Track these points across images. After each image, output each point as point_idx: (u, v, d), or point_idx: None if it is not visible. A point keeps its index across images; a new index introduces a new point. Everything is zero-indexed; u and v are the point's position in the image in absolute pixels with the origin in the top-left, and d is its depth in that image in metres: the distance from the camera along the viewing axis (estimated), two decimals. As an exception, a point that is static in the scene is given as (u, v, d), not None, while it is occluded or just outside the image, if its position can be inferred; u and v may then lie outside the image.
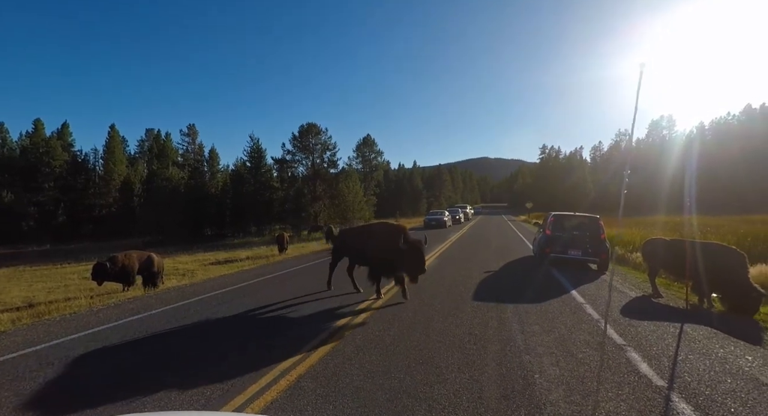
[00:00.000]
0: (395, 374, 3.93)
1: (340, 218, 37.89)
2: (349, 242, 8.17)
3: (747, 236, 13.91)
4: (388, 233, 7.06)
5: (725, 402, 3.36)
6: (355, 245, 7.82)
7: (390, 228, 7.32)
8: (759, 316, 6.40)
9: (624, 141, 74.83)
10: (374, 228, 7.93)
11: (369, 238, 7.46)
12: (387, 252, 6.73)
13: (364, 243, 7.51)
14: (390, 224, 7.72)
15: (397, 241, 6.58)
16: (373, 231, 7.65)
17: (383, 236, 7.08)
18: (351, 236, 8.27)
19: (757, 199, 44.79)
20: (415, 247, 6.51)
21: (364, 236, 7.72)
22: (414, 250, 6.48)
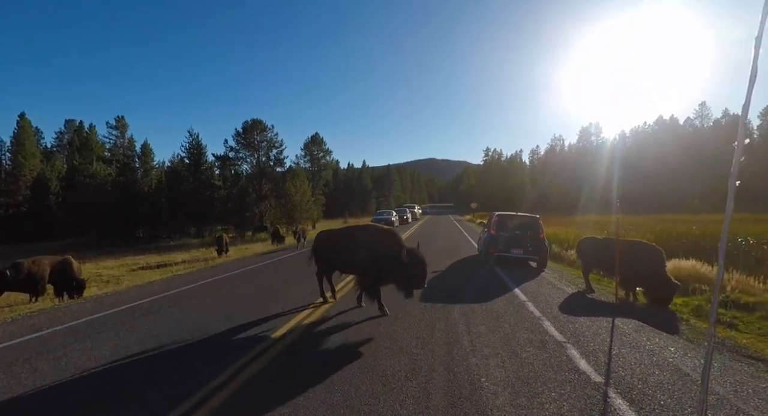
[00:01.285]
0: (338, 386, 3.68)
1: (286, 219, 36.69)
2: (333, 246, 6.96)
3: (662, 234, 15.41)
4: (388, 240, 6.08)
5: (655, 395, 3.52)
6: (342, 251, 6.68)
7: (388, 234, 6.26)
8: (674, 307, 7.01)
9: (558, 146, 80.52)
10: (367, 233, 6.55)
11: (362, 244, 6.31)
12: (386, 262, 5.78)
13: (353, 249, 6.36)
14: (384, 228, 6.52)
15: (399, 250, 5.74)
16: (367, 237, 6.40)
17: (382, 243, 6.06)
18: (336, 240, 7.01)
19: (670, 199, 50.31)
20: (419, 259, 5.70)
21: (354, 241, 6.48)
22: (418, 263, 5.68)
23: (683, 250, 12.43)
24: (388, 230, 6.40)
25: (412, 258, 5.64)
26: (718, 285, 2.26)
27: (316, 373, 3.97)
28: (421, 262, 5.66)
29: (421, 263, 5.66)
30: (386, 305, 6.27)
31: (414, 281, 5.63)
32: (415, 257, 5.67)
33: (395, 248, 5.82)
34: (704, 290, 8.26)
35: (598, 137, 74.48)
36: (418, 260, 5.65)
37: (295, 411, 3.24)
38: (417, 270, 5.61)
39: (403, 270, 5.60)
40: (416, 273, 5.60)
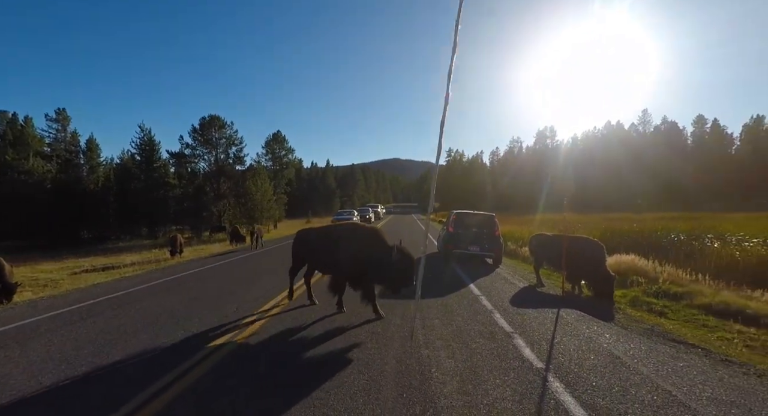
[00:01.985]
0: (289, 383, 3.66)
1: (247, 218, 35.64)
2: (314, 246, 6.63)
3: (607, 231, 16.49)
4: (375, 238, 5.89)
5: (588, 377, 3.79)
6: (324, 251, 6.37)
7: (374, 232, 6.05)
8: (614, 297, 7.55)
9: (517, 147, 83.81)
10: (352, 232, 6.29)
11: (346, 243, 6.04)
12: (374, 261, 5.61)
13: (336, 249, 6.09)
14: (369, 227, 6.33)
15: (386, 248, 5.58)
16: (353, 236, 6.15)
17: (369, 241, 5.86)
18: (316, 240, 6.68)
19: (617, 199, 53.85)
20: (407, 256, 5.53)
21: (337, 241, 6.20)
22: (407, 260, 5.51)
23: (624, 246, 13.37)
24: (373, 228, 6.21)
25: (401, 256, 5.49)
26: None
27: (265, 373, 3.93)
28: (409, 259, 5.52)
29: (410, 261, 5.52)
30: (344, 303, 6.28)
31: (403, 279, 5.48)
32: (404, 254, 5.51)
33: (383, 246, 5.66)
34: (641, 282, 8.95)
35: (552, 140, 78.26)
36: (406, 257, 5.50)
37: (242, 410, 3.19)
38: (406, 268, 5.46)
39: (392, 268, 5.44)
40: (405, 271, 5.46)
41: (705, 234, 14.55)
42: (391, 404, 3.24)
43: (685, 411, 3.16)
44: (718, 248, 11.69)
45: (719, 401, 3.35)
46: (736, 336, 5.51)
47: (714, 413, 3.14)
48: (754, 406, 3.27)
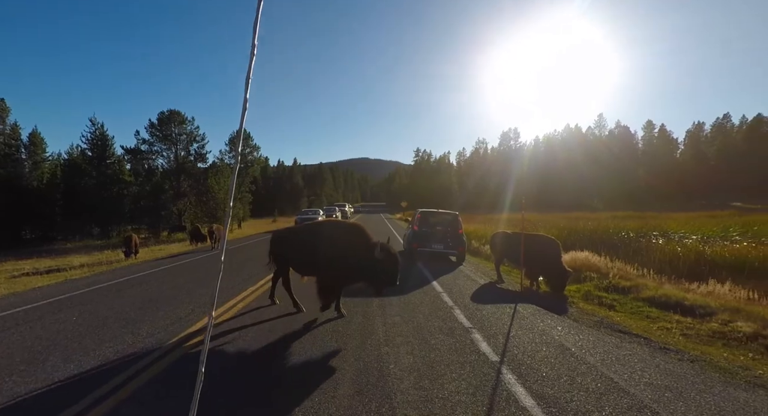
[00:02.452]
0: (243, 384, 3.56)
1: (209, 217, 34.38)
2: (295, 246, 6.26)
3: (565, 229, 17.27)
4: (357, 237, 5.62)
5: (540, 368, 3.95)
6: (305, 251, 6.00)
7: (357, 230, 5.77)
8: (568, 292, 7.91)
9: (482, 148, 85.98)
10: (334, 230, 6.00)
11: (328, 242, 5.72)
12: (358, 260, 5.35)
13: (318, 249, 5.75)
14: (351, 224, 6.05)
15: (370, 247, 5.31)
16: (335, 234, 5.86)
17: (351, 240, 5.60)
18: (298, 239, 6.33)
19: (575, 198, 56.44)
20: (392, 255, 5.28)
21: (319, 240, 5.86)
22: (391, 259, 5.25)
23: (580, 243, 14.06)
24: (356, 225, 5.94)
25: (385, 254, 5.24)
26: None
27: (219, 376, 3.80)
28: (394, 258, 5.28)
29: (394, 259, 5.28)
30: (305, 304, 6.20)
31: (387, 279, 5.24)
32: (388, 253, 5.27)
33: (366, 244, 5.41)
34: (593, 278, 9.42)
35: (516, 141, 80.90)
36: (390, 256, 5.27)
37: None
38: (390, 267, 5.21)
39: (376, 267, 5.20)
40: (389, 270, 5.21)
41: (651, 232, 15.58)
42: (347, 401, 3.23)
43: (624, 396, 3.36)
44: (662, 245, 12.54)
45: (655, 385, 3.59)
46: (674, 325, 5.92)
47: (650, 397, 3.36)
48: (684, 389, 3.53)
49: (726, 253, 10.71)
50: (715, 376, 3.89)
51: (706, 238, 13.81)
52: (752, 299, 7.26)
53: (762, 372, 4.10)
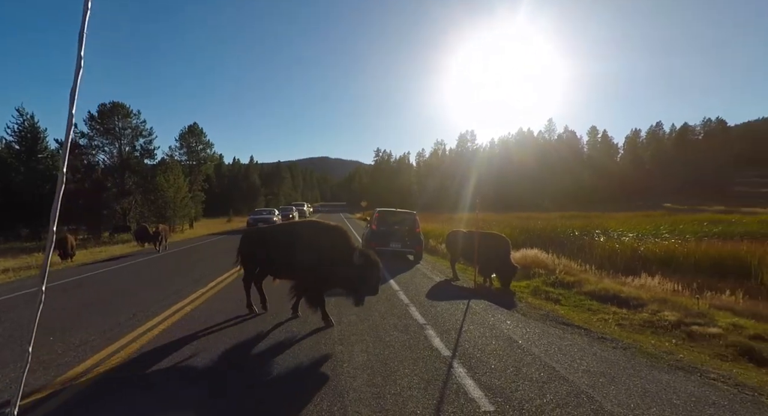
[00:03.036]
0: (192, 389, 3.40)
1: (157, 217, 32.43)
2: (269, 247, 5.77)
3: (517, 228, 18.08)
4: (336, 239, 5.27)
5: (488, 361, 4.10)
6: (280, 253, 5.60)
7: (336, 232, 5.41)
8: (519, 288, 8.28)
9: (441, 149, 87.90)
10: (312, 231, 5.60)
11: (306, 244, 5.34)
12: (335, 265, 5.03)
13: (295, 251, 5.38)
14: (331, 225, 5.62)
15: (350, 251, 5.02)
16: (312, 235, 5.45)
17: (330, 242, 5.24)
18: (271, 240, 5.84)
19: (529, 199, 59.16)
20: (372, 261, 5.00)
21: (296, 241, 5.47)
22: (371, 265, 4.97)
23: (530, 241, 14.80)
24: (336, 227, 5.55)
25: (365, 260, 4.93)
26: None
27: (159, 384, 3.60)
28: (374, 264, 4.97)
29: (375, 266, 4.98)
30: (255, 304, 6.02)
31: (367, 287, 4.93)
32: (368, 259, 4.97)
33: (346, 248, 5.08)
34: (541, 274, 9.93)
35: (473, 143, 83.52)
36: (371, 262, 4.96)
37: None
38: (370, 274, 4.91)
39: (356, 274, 4.89)
40: (369, 277, 4.91)
41: (594, 231, 16.70)
42: (298, 402, 3.17)
43: (564, 383, 3.58)
44: (603, 243, 13.49)
45: (592, 372, 3.85)
46: (611, 316, 6.38)
47: (587, 383, 3.60)
48: (616, 374, 3.82)
49: (656, 249, 11.71)
50: (643, 361, 4.24)
51: (640, 236, 15.02)
52: (677, 291, 7.99)
53: (683, 355, 4.52)
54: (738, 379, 3.86)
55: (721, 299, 7.32)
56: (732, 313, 6.60)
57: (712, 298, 7.39)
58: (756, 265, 9.06)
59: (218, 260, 11.85)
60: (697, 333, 5.60)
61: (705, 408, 3.18)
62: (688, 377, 3.84)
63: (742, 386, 3.69)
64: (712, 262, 10.04)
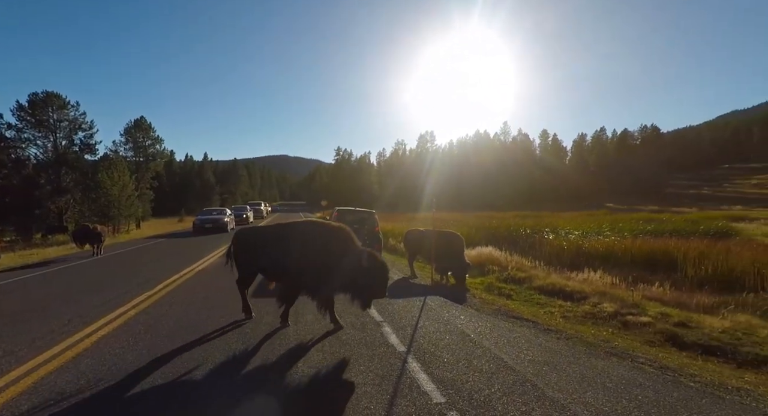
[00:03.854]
0: (143, 394, 3.22)
1: (99, 216, 30.17)
2: (267, 248, 5.39)
3: (473, 227, 18.70)
4: (341, 240, 5.01)
5: (442, 355, 4.24)
6: (280, 256, 5.23)
7: (341, 233, 5.15)
8: (473, 284, 8.59)
9: (401, 149, 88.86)
10: (314, 232, 5.28)
11: (309, 246, 5.05)
12: (341, 267, 4.79)
13: (297, 254, 5.06)
14: (334, 226, 5.39)
15: (357, 253, 4.82)
16: (315, 237, 5.16)
17: (335, 243, 4.97)
18: (270, 241, 5.48)
19: (485, 199, 61.24)
20: (380, 263, 4.82)
21: (297, 243, 5.15)
22: (381, 268, 4.78)
23: (486, 239, 15.36)
24: (340, 227, 5.30)
25: (374, 262, 4.76)
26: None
27: (88, 387, 3.38)
28: (383, 266, 4.81)
29: (384, 268, 4.81)
30: (209, 310, 5.80)
31: (374, 290, 4.76)
32: (377, 260, 4.81)
33: (353, 249, 4.90)
34: (495, 271, 10.35)
35: (432, 143, 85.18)
36: (379, 264, 4.79)
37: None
38: (379, 276, 4.74)
39: (363, 277, 4.70)
40: (377, 280, 4.73)
41: (544, 229, 17.62)
42: (248, 404, 3.11)
43: (511, 373, 3.78)
44: (552, 240, 14.28)
45: (536, 362, 4.09)
46: (557, 309, 6.79)
47: (531, 372, 3.81)
48: (558, 363, 4.08)
49: (598, 246, 12.57)
50: (583, 350, 4.56)
51: (585, 234, 16.05)
52: (615, 284, 8.64)
53: (617, 343, 4.91)
54: (662, 362, 4.25)
55: (651, 291, 7.99)
56: (661, 303, 7.25)
57: (645, 290, 8.05)
58: (681, 259, 9.99)
59: (161, 264, 11.28)
60: (630, 322, 6.10)
61: (632, 389, 3.48)
62: (620, 362, 4.18)
63: (665, 368, 4.07)
64: (645, 257, 10.94)
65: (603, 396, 3.35)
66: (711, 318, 6.25)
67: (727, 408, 3.19)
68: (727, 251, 9.95)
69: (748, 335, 5.55)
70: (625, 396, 3.34)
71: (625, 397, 3.33)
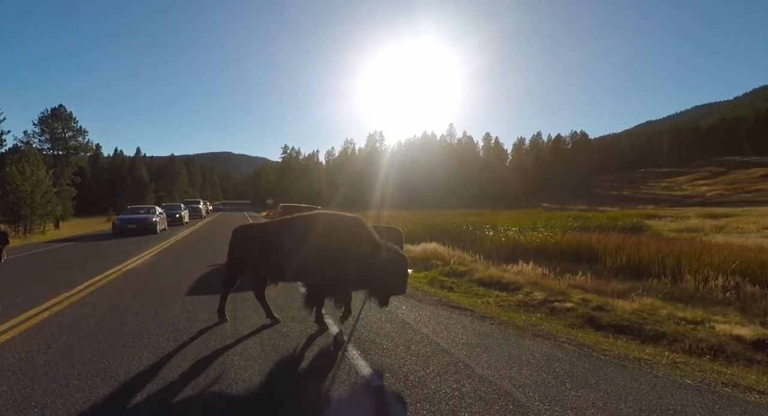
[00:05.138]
0: (62, 393, 2.95)
1: (8, 215, 26.76)
2: (275, 244, 4.83)
3: (419, 224, 19.21)
4: (358, 233, 4.63)
5: (381, 342, 4.35)
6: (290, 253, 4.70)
7: (357, 224, 4.76)
8: (417, 279, 8.82)
9: (350, 148, 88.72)
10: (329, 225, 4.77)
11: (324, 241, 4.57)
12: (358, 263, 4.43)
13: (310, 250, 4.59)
14: (350, 217, 4.93)
15: (375, 246, 4.50)
16: (331, 231, 4.67)
17: (355, 237, 4.58)
18: (277, 237, 4.91)
19: (433, 198, 62.92)
20: (401, 257, 4.57)
21: (312, 237, 4.64)
22: (402, 262, 4.53)
23: (431, 236, 15.85)
24: (355, 218, 4.92)
25: (395, 255, 4.51)
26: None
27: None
28: (403, 260, 4.58)
29: (405, 262, 4.59)
30: (140, 305, 5.43)
31: (394, 286, 4.49)
32: (397, 254, 4.56)
33: (372, 242, 4.57)
34: (438, 265, 10.72)
35: (381, 143, 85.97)
36: (400, 257, 4.55)
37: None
38: (400, 270, 4.51)
39: (382, 271, 4.38)
40: (398, 275, 4.47)
41: (485, 226, 18.56)
42: (179, 397, 2.98)
43: (446, 355, 3.98)
44: (491, 236, 15.09)
45: (470, 344, 4.34)
46: (493, 299, 7.22)
47: (464, 353, 4.04)
48: (490, 345, 4.36)
49: (533, 241, 13.50)
50: (513, 332, 4.90)
51: (521, 230, 17.14)
52: (545, 275, 9.34)
53: (543, 326, 5.34)
54: (580, 341, 4.70)
55: (576, 280, 8.75)
56: (583, 290, 7.96)
57: (570, 279, 8.80)
58: (602, 251, 11.04)
59: (78, 267, 10.34)
60: (557, 308, 6.65)
61: (552, 363, 3.82)
62: (543, 342, 4.56)
63: (582, 345, 4.50)
64: (572, 250, 11.94)
65: (526, 370, 3.64)
66: (623, 301, 7.00)
67: (627, 375, 3.62)
68: (638, 244, 11.15)
69: (651, 315, 6.31)
70: (545, 370, 3.66)
71: (545, 370, 3.65)
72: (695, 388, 3.35)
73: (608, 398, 3.10)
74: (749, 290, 7.21)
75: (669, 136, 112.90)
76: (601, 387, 3.32)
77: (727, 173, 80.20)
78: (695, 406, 3.00)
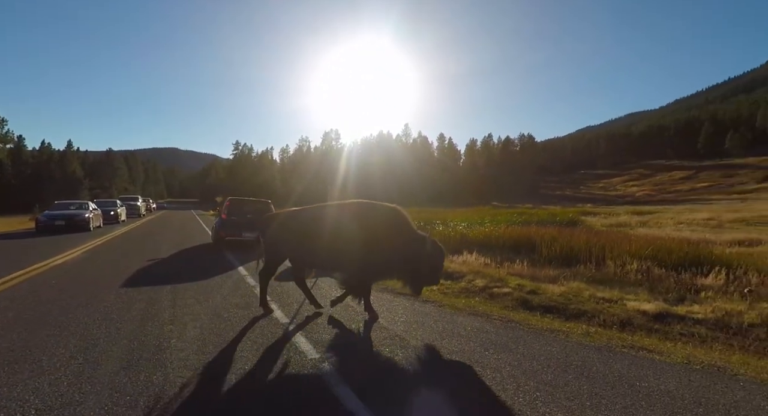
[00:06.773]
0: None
1: None
2: (311, 234, 4.72)
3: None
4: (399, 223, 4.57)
5: (322, 322, 4.49)
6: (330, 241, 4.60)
7: (396, 214, 4.68)
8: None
9: (305, 146, 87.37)
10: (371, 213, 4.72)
11: (371, 229, 4.46)
12: (404, 252, 4.39)
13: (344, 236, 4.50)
14: (390, 207, 4.83)
15: (417, 238, 4.46)
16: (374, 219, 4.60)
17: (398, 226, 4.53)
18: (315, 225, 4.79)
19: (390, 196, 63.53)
20: (441, 249, 4.59)
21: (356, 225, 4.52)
22: (440, 254, 4.57)
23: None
24: (394, 208, 4.81)
25: (435, 247, 4.53)
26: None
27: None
28: (442, 252, 4.63)
29: (442, 254, 4.63)
30: (69, 297, 5.14)
31: (431, 275, 4.55)
32: (440, 248, 4.60)
33: (411, 233, 4.54)
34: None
35: (337, 142, 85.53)
36: (440, 250, 4.58)
37: None
38: (437, 261, 4.55)
39: (420, 262, 4.38)
40: (435, 265, 4.54)
41: (436, 221, 19.19)
42: (109, 378, 2.93)
43: (384, 331, 4.20)
44: (441, 231, 15.66)
45: (408, 322, 4.59)
46: (438, 287, 7.55)
47: (402, 329, 4.29)
48: (426, 321, 4.65)
49: (479, 234, 14.21)
50: (449, 311, 5.23)
51: (469, 225, 17.92)
52: (488, 264, 9.91)
53: (481, 308, 5.73)
54: (510, 318, 5.12)
55: (514, 268, 9.38)
56: (520, 277, 8.56)
57: (509, 268, 9.42)
58: (539, 242, 11.89)
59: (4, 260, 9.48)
60: (496, 293, 7.13)
61: (480, 335, 4.17)
62: (476, 318, 4.93)
63: (511, 321, 4.92)
64: (513, 241, 12.73)
65: (456, 341, 3.94)
66: (553, 286, 7.63)
67: (544, 341, 4.05)
68: (570, 235, 12.12)
69: (576, 296, 6.95)
70: (474, 340, 3.99)
71: (473, 340, 3.97)
72: (597, 348, 3.83)
73: (523, 359, 3.47)
74: (657, 272, 8.16)
75: (605, 140, 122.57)
76: (520, 350, 3.69)
77: (653, 175, 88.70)
78: (594, 361, 3.45)
